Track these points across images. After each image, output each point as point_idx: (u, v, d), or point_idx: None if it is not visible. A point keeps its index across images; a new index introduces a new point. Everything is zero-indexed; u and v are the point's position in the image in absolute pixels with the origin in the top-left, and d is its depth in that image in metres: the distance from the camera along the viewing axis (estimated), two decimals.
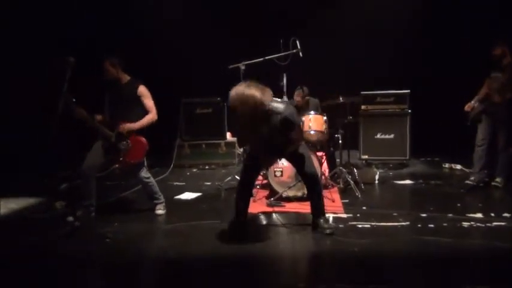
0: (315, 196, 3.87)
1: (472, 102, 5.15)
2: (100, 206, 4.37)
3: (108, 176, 5.66)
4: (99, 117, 4.19)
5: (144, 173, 4.35)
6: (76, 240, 3.79)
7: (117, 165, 4.27)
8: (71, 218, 4.09)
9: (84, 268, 3.33)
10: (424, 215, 4.19)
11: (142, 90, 4.25)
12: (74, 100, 3.90)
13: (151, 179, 4.43)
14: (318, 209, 3.86)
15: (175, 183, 5.96)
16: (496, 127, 5.01)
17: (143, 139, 4.25)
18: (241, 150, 6.14)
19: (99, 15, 6.78)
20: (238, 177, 5.48)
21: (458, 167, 6.25)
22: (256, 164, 3.87)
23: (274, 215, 4.34)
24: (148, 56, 7.16)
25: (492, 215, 4.13)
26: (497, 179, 5.08)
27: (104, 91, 4.33)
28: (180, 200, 5.08)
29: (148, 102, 4.27)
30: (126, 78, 4.29)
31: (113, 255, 3.51)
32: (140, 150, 4.23)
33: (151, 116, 4.26)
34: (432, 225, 3.89)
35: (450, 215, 4.16)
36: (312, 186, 3.88)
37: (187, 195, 5.22)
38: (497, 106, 4.91)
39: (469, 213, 4.18)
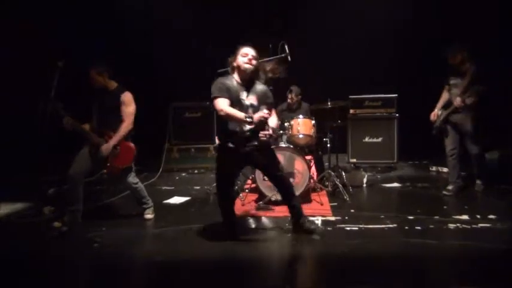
0: (290, 197, 3.85)
1: (436, 110, 5.11)
2: (88, 211, 4.35)
3: (97, 180, 5.64)
4: (87, 126, 4.19)
5: (132, 178, 4.33)
6: (64, 245, 3.77)
7: (105, 171, 4.23)
8: (56, 224, 4.08)
9: (72, 273, 3.31)
10: (411, 217, 4.24)
11: (124, 97, 4.20)
12: (62, 106, 3.89)
13: (139, 184, 4.42)
14: (298, 210, 3.85)
15: (164, 188, 5.94)
16: (463, 135, 4.96)
17: (131, 144, 4.25)
18: None
19: (85, 18, 6.74)
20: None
21: (445, 170, 6.29)
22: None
23: (263, 219, 4.36)
24: (138, 60, 7.14)
25: (478, 216, 4.19)
26: (478, 182, 5.09)
27: (91, 97, 4.29)
28: (168, 204, 5.07)
29: (127, 109, 4.19)
30: (113, 85, 4.26)
31: (101, 260, 3.49)
32: (128, 155, 4.22)
33: (126, 124, 4.17)
34: (419, 228, 3.94)
35: (437, 217, 4.22)
36: (282, 187, 3.86)
37: (176, 200, 5.22)
38: (461, 116, 4.87)
39: (455, 215, 4.24)
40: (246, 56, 3.61)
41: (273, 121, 3.75)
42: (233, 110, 3.48)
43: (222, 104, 3.50)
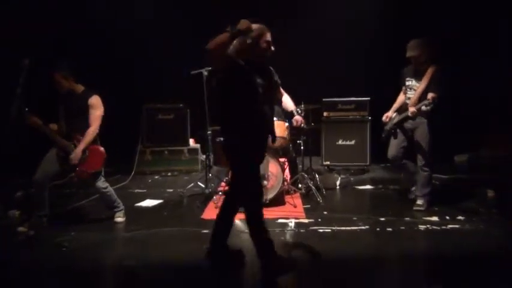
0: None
1: (390, 112, 4.74)
2: (57, 215, 4.26)
3: (66, 183, 5.50)
4: (54, 126, 4.07)
5: (101, 183, 4.23)
6: (30, 250, 3.67)
7: (73, 175, 4.11)
8: (21, 228, 3.96)
9: (38, 278, 3.21)
10: (382, 219, 4.30)
11: (92, 101, 4.10)
12: (27, 109, 3.78)
13: (109, 188, 4.33)
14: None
15: (136, 191, 5.85)
16: (414, 144, 4.57)
17: (100, 148, 4.15)
18: (204, 156, 6.09)
19: (57, 18, 6.59)
20: (201, 184, 5.47)
21: None
22: None
23: (237, 221, 4.33)
24: (109, 60, 7.02)
25: (447, 218, 4.28)
26: (419, 202, 4.56)
27: (58, 99, 4.17)
28: (140, 207, 4.99)
29: (95, 113, 4.09)
30: (80, 89, 4.15)
31: (69, 265, 3.39)
32: (97, 160, 4.12)
33: (92, 128, 4.07)
34: (390, 229, 4.00)
35: (407, 218, 4.29)
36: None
37: (149, 203, 5.14)
38: (414, 122, 4.49)
39: (426, 217, 4.32)
40: (269, 43, 3.30)
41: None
42: None
43: None
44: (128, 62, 7.25)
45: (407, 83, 4.58)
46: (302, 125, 3.92)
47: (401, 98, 4.73)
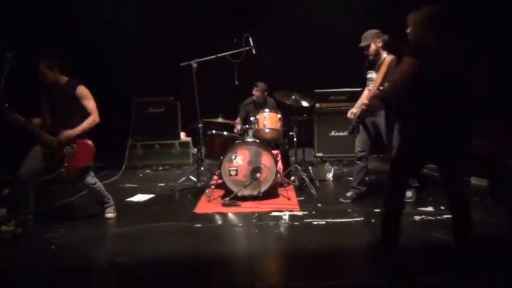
0: None
1: (354, 108, 4.63)
2: (45, 212, 4.15)
3: (55, 179, 5.38)
4: (36, 120, 3.92)
5: (91, 178, 4.12)
6: (18, 248, 3.58)
7: (62, 170, 3.98)
8: (4, 227, 3.87)
9: (27, 277, 3.13)
10: (377, 210, 4.25)
11: (81, 91, 3.98)
12: (7, 105, 3.64)
13: (98, 183, 4.22)
14: None
15: (127, 185, 5.77)
16: (379, 137, 4.47)
17: (89, 142, 4.03)
18: (195, 150, 6.01)
19: (42, 8, 6.43)
20: (193, 178, 5.40)
21: None
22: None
23: (229, 215, 4.28)
24: (97, 53, 6.87)
25: (442, 208, 4.25)
26: (408, 194, 4.45)
27: (40, 92, 4.03)
28: (131, 202, 4.91)
29: (89, 103, 4.00)
30: (64, 79, 4.02)
31: (59, 263, 3.31)
32: (86, 154, 4.00)
33: (93, 118, 3.99)
34: None
35: None
36: None
37: (140, 197, 5.06)
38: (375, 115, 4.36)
39: (421, 207, 4.30)
40: None
41: None
42: None
43: None
44: (117, 53, 7.10)
45: (368, 76, 4.49)
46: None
47: (365, 93, 4.61)
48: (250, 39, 4.79)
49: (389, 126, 4.34)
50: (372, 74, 4.44)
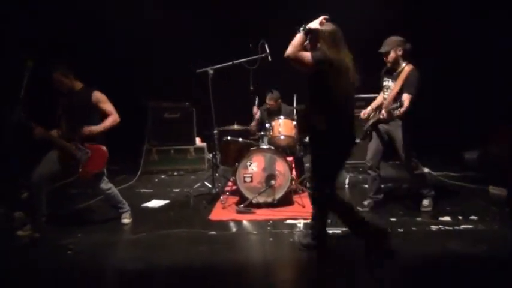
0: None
1: (368, 109, 4.59)
2: (62, 216, 4.21)
3: (73, 183, 5.45)
4: (54, 132, 4.00)
5: (105, 184, 4.16)
6: (35, 253, 3.62)
7: (77, 176, 4.03)
8: (21, 232, 3.92)
9: (44, 282, 3.17)
10: (393, 219, 4.22)
11: (97, 96, 4.03)
12: (31, 120, 3.72)
13: (113, 189, 4.26)
14: None
15: (142, 191, 5.81)
16: (395, 148, 4.39)
17: (103, 147, 4.08)
18: (210, 155, 6.02)
19: (58, 16, 6.54)
20: (208, 184, 5.41)
21: (427, 170, 6.33)
22: None
23: (244, 222, 4.27)
24: (115, 58, 6.97)
25: (460, 218, 4.19)
26: (425, 203, 4.47)
27: (56, 100, 4.10)
28: (147, 208, 4.94)
29: (107, 106, 4.06)
30: (79, 85, 4.07)
31: (75, 268, 3.34)
32: (100, 159, 4.05)
33: (113, 118, 4.05)
34: (401, 230, 3.92)
35: (419, 218, 4.21)
36: None
37: (155, 203, 5.09)
38: (390, 124, 4.33)
39: (438, 217, 4.23)
40: None
41: None
42: None
43: None
44: (133, 59, 7.19)
45: (384, 83, 4.43)
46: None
47: (379, 98, 4.56)
48: (266, 45, 4.78)
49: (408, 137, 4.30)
50: (388, 82, 4.38)
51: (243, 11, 7.05)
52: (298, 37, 3.16)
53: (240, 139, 5.09)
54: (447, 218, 4.19)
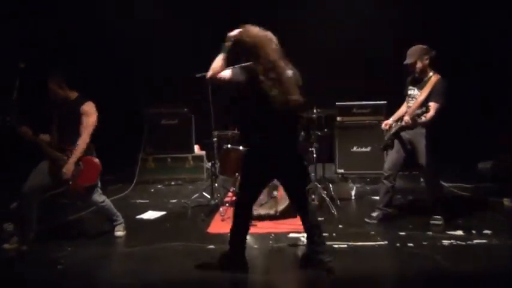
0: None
1: (391, 120, 4.60)
2: (52, 228, 4.19)
3: (63, 193, 5.45)
4: (46, 137, 4.00)
5: (98, 196, 4.14)
6: (22, 267, 3.60)
7: (67, 189, 4.03)
8: (7, 246, 3.91)
9: None
10: (402, 233, 4.19)
11: (86, 107, 4.02)
12: (10, 119, 3.72)
13: (106, 201, 4.24)
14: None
15: (138, 201, 5.80)
16: (416, 157, 4.38)
17: (95, 160, 4.07)
18: (209, 164, 6.02)
19: (54, 19, 6.60)
20: (207, 195, 5.40)
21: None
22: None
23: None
24: (109, 62, 7.00)
25: (473, 232, 4.16)
26: (436, 216, 4.41)
27: (51, 108, 4.12)
28: (142, 219, 4.93)
29: (86, 121, 3.99)
30: (73, 95, 4.09)
31: (65, 284, 3.33)
32: (92, 173, 4.04)
33: (83, 138, 3.97)
34: (411, 244, 3.89)
35: (430, 232, 4.18)
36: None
37: (151, 214, 5.07)
38: (413, 133, 4.32)
39: (449, 231, 4.20)
40: None
41: None
42: None
43: None
44: (129, 64, 7.23)
45: (409, 92, 4.46)
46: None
47: (403, 108, 4.59)
48: None
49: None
50: (413, 91, 4.40)
51: (243, 11, 7.09)
52: (217, 60, 3.18)
53: (241, 147, 5.08)
54: (459, 232, 4.16)
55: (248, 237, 4.11)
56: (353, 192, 5.83)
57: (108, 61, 6.97)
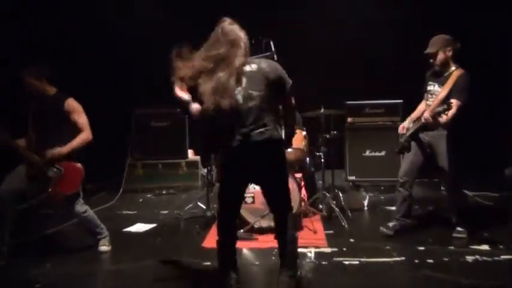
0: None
1: (406, 122, 4.60)
2: (30, 242, 4.19)
3: (42, 204, 5.46)
4: (21, 141, 4.02)
5: (80, 206, 4.15)
6: None
7: (45, 195, 4.02)
8: None
9: None
10: (421, 248, 4.19)
11: (70, 104, 4.05)
12: None
13: (89, 212, 4.25)
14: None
15: (124, 212, 5.83)
16: (435, 161, 4.37)
17: (78, 165, 4.08)
18: (205, 171, 6.04)
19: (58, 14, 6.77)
20: (202, 205, 5.41)
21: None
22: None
23: (244, 251, 4.25)
24: (115, 58, 7.19)
25: (501, 247, 4.15)
26: (459, 229, 4.40)
27: (26, 107, 4.14)
28: (129, 233, 4.95)
29: (79, 118, 4.06)
30: (52, 90, 4.11)
31: None
32: (75, 179, 4.04)
33: (85, 135, 4.04)
34: (431, 260, 3.89)
35: (452, 247, 4.18)
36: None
37: (139, 227, 5.09)
38: (433, 134, 4.31)
39: (474, 245, 4.20)
40: None
41: None
42: None
43: None
44: (129, 64, 7.33)
45: (429, 88, 4.45)
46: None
47: (421, 106, 4.59)
48: (271, 44, 4.81)
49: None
50: (433, 87, 4.38)
51: (243, 11, 7.16)
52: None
53: None
54: (485, 247, 4.16)
55: (248, 252, 4.15)
56: (365, 202, 5.85)
57: (108, 61, 7.15)
